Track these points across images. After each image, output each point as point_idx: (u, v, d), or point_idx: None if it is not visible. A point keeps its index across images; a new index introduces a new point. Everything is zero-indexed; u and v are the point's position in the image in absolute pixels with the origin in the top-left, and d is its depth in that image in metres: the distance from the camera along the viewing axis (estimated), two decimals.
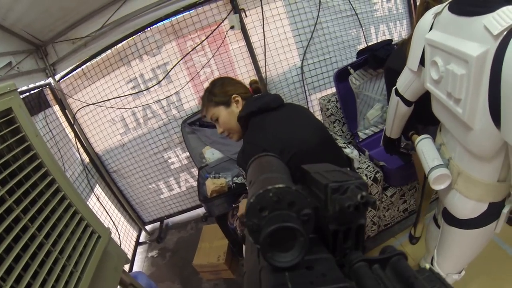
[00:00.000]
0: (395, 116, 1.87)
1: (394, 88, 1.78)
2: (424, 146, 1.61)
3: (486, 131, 1.12)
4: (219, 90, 1.73)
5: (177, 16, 3.01)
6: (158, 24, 2.98)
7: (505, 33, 0.94)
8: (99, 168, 3.45)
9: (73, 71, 3.10)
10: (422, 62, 1.45)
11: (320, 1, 3.27)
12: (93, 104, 3.22)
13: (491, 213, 1.40)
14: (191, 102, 3.34)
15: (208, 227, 3.21)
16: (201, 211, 3.96)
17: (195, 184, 3.70)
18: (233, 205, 2.40)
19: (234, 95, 1.68)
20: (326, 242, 0.44)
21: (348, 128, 3.22)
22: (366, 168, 2.50)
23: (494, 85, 1.01)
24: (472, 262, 1.76)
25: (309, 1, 3.25)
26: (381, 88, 3.23)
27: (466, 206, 1.45)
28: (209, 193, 2.69)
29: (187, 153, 3.42)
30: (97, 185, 3.35)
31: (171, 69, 3.15)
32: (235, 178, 2.84)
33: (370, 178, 2.44)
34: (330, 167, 0.52)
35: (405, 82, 1.69)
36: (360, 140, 3.16)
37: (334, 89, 3.20)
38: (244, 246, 2.05)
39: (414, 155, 2.27)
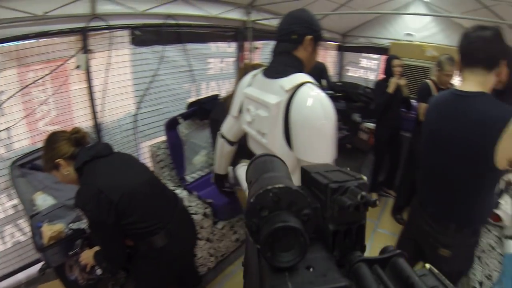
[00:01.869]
0: (221, 155, 2.40)
1: (219, 132, 2.31)
2: (242, 171, 2.14)
3: (283, 153, 1.65)
4: (44, 158, 1.92)
5: (25, 42, 2.73)
6: (1, 45, 2.60)
7: (293, 90, 1.57)
8: None
9: None
10: (241, 110, 2.02)
11: (163, 55, 3.67)
12: None
13: None
14: (23, 141, 2.93)
15: (45, 286, 2.78)
16: (30, 272, 3.16)
17: (23, 239, 3.10)
18: (69, 253, 2.36)
19: (56, 161, 1.86)
20: (326, 242, 0.44)
21: (176, 172, 3.61)
22: (196, 205, 3.02)
23: (286, 122, 1.60)
24: None
25: (153, 54, 3.61)
26: (206, 136, 3.86)
27: None
28: (46, 241, 2.48)
29: (14, 201, 2.93)
30: None
31: (6, 100, 2.75)
32: (71, 225, 2.72)
33: (200, 213, 2.97)
34: (330, 167, 0.53)
35: (228, 126, 2.24)
36: (188, 183, 3.61)
37: (164, 137, 3.58)
38: None
39: (238, 190, 2.79)
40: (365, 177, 0.49)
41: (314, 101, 1.52)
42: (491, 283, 2.21)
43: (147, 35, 3.49)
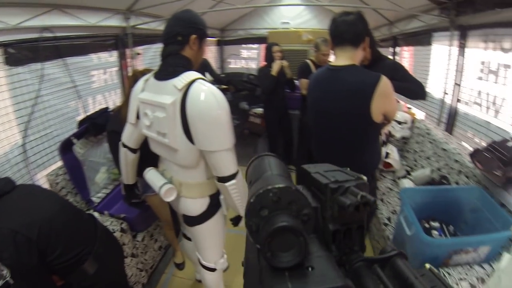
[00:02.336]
0: (126, 164, 2.43)
1: (120, 142, 2.35)
2: (151, 174, 2.21)
3: (186, 149, 1.86)
4: None
5: None
6: None
7: (186, 87, 1.73)
8: None
9: None
10: (138, 116, 2.12)
11: (43, 74, 3.37)
12: None
13: (214, 203, 2.16)
14: None
15: None
16: None
17: None
18: None
19: None
20: (326, 242, 0.43)
21: (81, 197, 3.42)
22: (111, 224, 2.93)
23: (184, 119, 1.76)
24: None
25: (32, 73, 3.27)
26: (104, 152, 3.78)
27: (195, 204, 2.13)
28: None
29: None
30: None
31: None
32: None
33: (118, 230, 2.89)
34: (330, 167, 0.52)
35: (128, 134, 2.30)
36: (96, 204, 3.48)
37: (60, 162, 3.35)
38: None
39: (149, 198, 2.97)
40: (365, 177, 0.49)
41: (207, 95, 1.72)
42: (396, 216, 2.76)
43: (22, 52, 3.14)
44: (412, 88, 2.88)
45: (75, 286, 1.89)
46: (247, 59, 8.23)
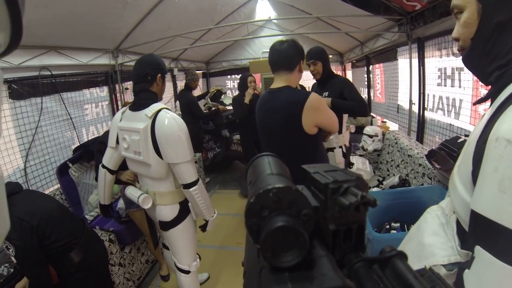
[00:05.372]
0: (104, 184, 2.64)
1: (100, 164, 2.61)
2: (131, 189, 2.48)
3: (157, 163, 2.20)
4: None
5: None
6: None
7: (154, 115, 2.13)
8: None
9: None
10: (117, 141, 2.46)
11: (42, 107, 3.70)
12: None
13: (184, 208, 2.41)
14: None
15: None
16: None
17: None
18: None
19: None
20: (326, 242, 0.41)
21: (76, 215, 3.48)
22: (100, 235, 3.00)
23: (153, 139, 2.08)
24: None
25: (32, 106, 3.64)
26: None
27: (168, 210, 2.38)
28: None
29: None
30: None
31: None
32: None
33: (106, 240, 2.97)
34: (330, 167, 0.49)
35: (108, 157, 2.56)
36: (89, 222, 3.73)
37: (57, 186, 3.70)
38: None
39: (132, 214, 3.18)
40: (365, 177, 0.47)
41: (169, 120, 2.14)
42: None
43: (24, 88, 3.61)
44: (352, 107, 3.15)
45: (63, 272, 2.26)
46: (232, 89, 8.70)
